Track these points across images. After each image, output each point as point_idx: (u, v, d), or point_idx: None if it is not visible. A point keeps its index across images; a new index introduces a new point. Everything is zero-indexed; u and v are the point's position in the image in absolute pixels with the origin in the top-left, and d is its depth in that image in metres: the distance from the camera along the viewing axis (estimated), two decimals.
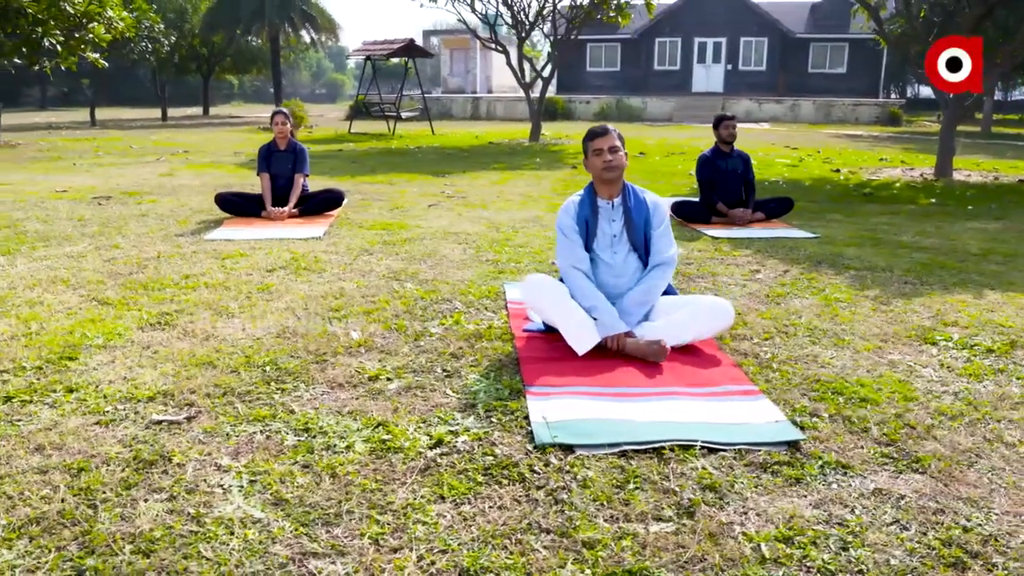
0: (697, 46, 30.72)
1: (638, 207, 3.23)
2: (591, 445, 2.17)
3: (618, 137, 3.15)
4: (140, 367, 2.79)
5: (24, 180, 8.69)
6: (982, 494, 1.98)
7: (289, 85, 73.32)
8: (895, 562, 1.67)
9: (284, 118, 6.37)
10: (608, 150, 3.11)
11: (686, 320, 2.99)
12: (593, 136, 3.16)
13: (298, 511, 1.85)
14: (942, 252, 5.05)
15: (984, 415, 2.47)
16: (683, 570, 1.64)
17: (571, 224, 3.17)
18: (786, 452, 2.18)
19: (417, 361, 2.88)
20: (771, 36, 29.47)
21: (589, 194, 3.22)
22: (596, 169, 3.15)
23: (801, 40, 29.31)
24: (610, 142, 3.12)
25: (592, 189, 3.23)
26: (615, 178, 3.17)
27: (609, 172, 3.13)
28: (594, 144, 3.13)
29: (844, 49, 29.20)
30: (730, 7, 29.47)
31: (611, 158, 3.12)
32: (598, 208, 3.20)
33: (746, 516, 1.85)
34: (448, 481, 1.99)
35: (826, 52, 29.58)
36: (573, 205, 3.22)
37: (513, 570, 1.63)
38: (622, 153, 3.15)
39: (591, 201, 3.20)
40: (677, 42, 30.95)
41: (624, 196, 3.23)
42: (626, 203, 3.22)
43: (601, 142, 3.13)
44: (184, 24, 27.42)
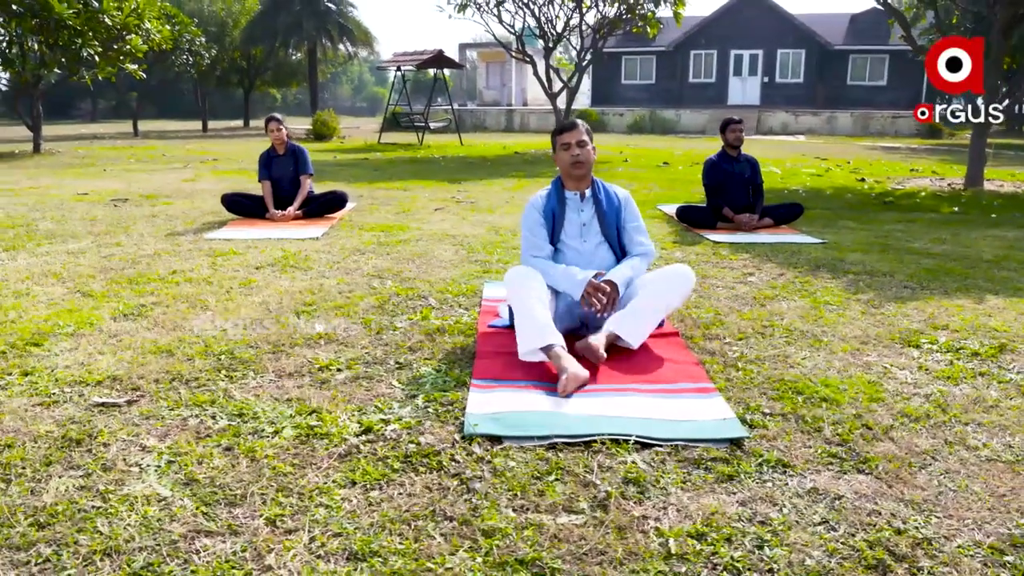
0: (733, 58, 30.41)
1: (608, 199, 3.20)
2: (519, 437, 2.10)
3: (586, 132, 3.12)
4: (100, 354, 2.81)
5: (52, 184, 8.96)
6: (927, 496, 1.86)
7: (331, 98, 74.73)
8: (811, 562, 1.57)
9: (277, 124, 6.41)
10: (576, 144, 3.07)
11: (650, 300, 2.88)
12: (561, 131, 3.14)
13: (205, 491, 1.83)
14: (952, 258, 4.85)
15: (952, 418, 2.33)
16: (579, 562, 1.56)
17: (536, 218, 3.12)
18: (726, 449, 2.08)
19: (373, 353, 2.85)
20: (809, 48, 29.03)
21: (556, 187, 3.18)
22: (564, 164, 3.10)
23: (840, 52, 28.80)
24: (577, 136, 3.08)
25: (560, 183, 3.18)
26: (583, 173, 3.13)
27: (577, 168, 3.09)
28: (562, 139, 3.11)
29: (884, 61, 28.60)
30: (767, 19, 29.14)
31: (579, 152, 3.08)
32: (565, 199, 3.15)
33: (664, 511, 1.76)
34: (364, 467, 1.95)
35: (866, 64, 28.99)
36: (540, 199, 3.18)
37: (402, 555, 1.57)
38: (590, 148, 3.11)
39: (558, 193, 3.16)
40: (713, 54, 30.69)
41: (594, 189, 3.19)
42: (596, 195, 3.18)
43: (569, 136, 3.09)
44: (225, 37, 28.12)
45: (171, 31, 17.73)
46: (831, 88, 28.82)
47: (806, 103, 28.18)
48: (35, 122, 14.25)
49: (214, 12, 28.35)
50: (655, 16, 15.70)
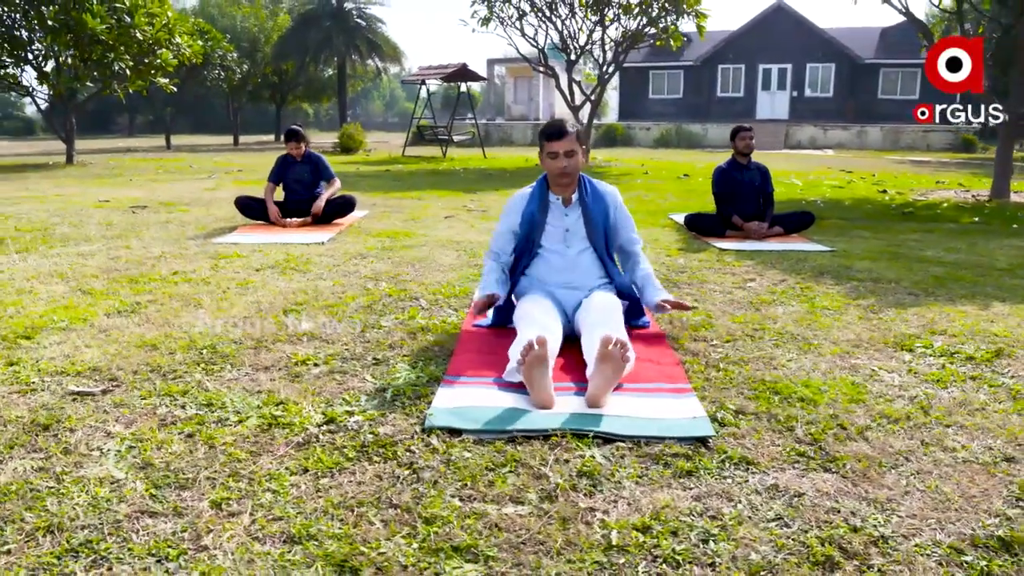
0: (761, 72, 30.20)
1: (597, 203, 3.12)
2: (479, 430, 2.08)
3: (575, 138, 2.96)
4: (87, 347, 2.86)
5: (77, 192, 9.19)
6: (892, 496, 1.80)
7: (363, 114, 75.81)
8: (755, 557, 1.53)
9: (296, 144, 6.45)
10: (564, 154, 2.95)
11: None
12: (549, 136, 2.98)
13: (158, 475, 1.84)
14: (963, 267, 4.73)
15: (933, 419, 2.26)
16: (516, 550, 1.54)
17: (512, 220, 3.10)
18: (691, 447, 2.04)
19: (352, 350, 2.85)
20: (839, 62, 28.73)
21: (540, 188, 3.13)
22: (551, 171, 3.04)
23: (870, 66, 28.44)
24: (567, 146, 2.94)
25: (545, 183, 3.14)
26: (569, 182, 3.07)
27: (563, 177, 3.02)
28: (550, 146, 2.97)
29: (916, 75, 28.12)
30: (796, 33, 28.93)
31: (566, 164, 2.96)
32: (548, 203, 3.11)
33: (614, 504, 1.73)
34: (319, 455, 1.94)
35: (898, 78, 28.57)
36: (521, 199, 3.15)
37: (338, 539, 1.56)
38: (579, 156, 2.99)
39: (541, 196, 3.11)
40: (741, 69, 30.53)
41: (581, 192, 3.12)
42: (583, 199, 3.11)
43: (556, 145, 2.95)
44: (257, 53, 28.72)
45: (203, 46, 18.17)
46: (861, 102, 28.45)
47: (836, 117, 27.85)
48: (68, 134, 14.67)
49: (247, 28, 28.99)
50: (678, 29, 15.67)
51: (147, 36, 13.51)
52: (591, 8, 15.53)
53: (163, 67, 14.30)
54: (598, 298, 2.88)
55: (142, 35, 13.35)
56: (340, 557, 1.50)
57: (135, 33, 13.17)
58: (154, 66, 14.21)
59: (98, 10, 12.34)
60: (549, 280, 3.08)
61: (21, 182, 10.75)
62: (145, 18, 13.29)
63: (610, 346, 2.21)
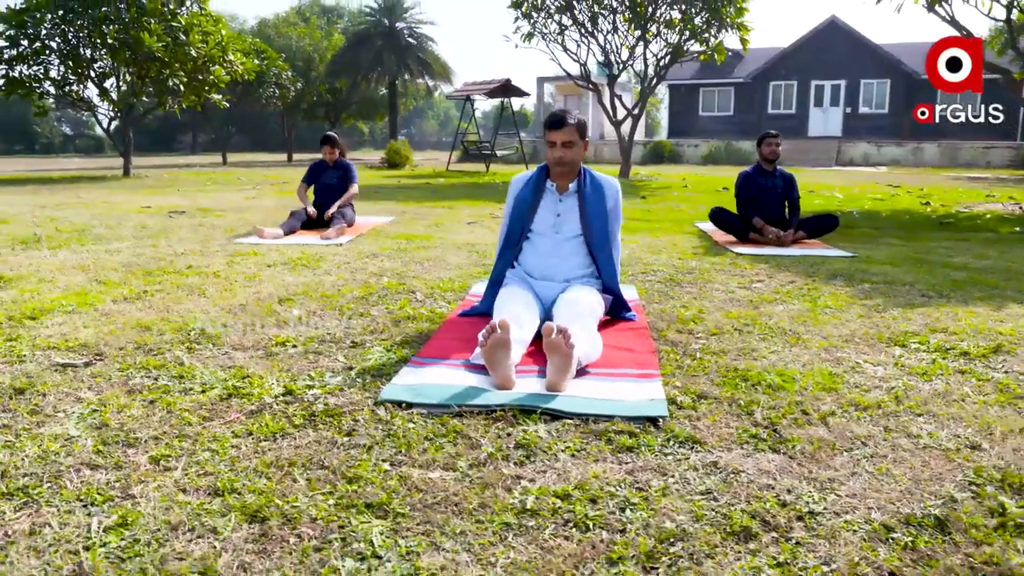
0: (814, 89, 29.64)
1: (596, 193, 3.10)
2: (427, 404, 2.09)
3: (576, 129, 2.98)
4: (84, 327, 2.98)
5: (124, 200, 9.60)
6: (836, 476, 1.74)
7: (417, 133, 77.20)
8: (669, 525, 1.50)
9: (330, 148, 6.73)
10: (561, 144, 2.98)
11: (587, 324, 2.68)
12: (549, 125, 3.01)
13: (110, 434, 1.91)
14: (988, 272, 4.54)
15: (905, 408, 2.17)
16: (428, 509, 1.54)
17: (509, 200, 3.13)
18: (640, 426, 2.01)
19: (334, 334, 2.90)
20: (893, 78, 27.98)
21: (539, 174, 3.15)
22: (549, 159, 3.06)
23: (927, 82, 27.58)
24: (566, 136, 2.97)
25: (545, 170, 3.15)
26: (565, 171, 3.08)
27: (559, 166, 3.05)
28: (549, 135, 3.01)
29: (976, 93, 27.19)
30: (849, 49, 28.33)
31: (562, 154, 2.99)
32: (543, 190, 3.12)
33: (543, 474, 1.72)
34: (267, 421, 1.99)
35: (955, 94, 27.64)
36: (519, 181, 3.17)
37: (259, 493, 1.59)
38: (578, 147, 3.00)
39: (537, 181, 3.13)
40: (793, 85, 30.02)
41: (580, 183, 3.12)
42: (581, 191, 3.11)
43: (555, 135, 2.98)
44: (311, 72, 29.58)
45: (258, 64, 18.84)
46: None
47: (891, 134, 27.10)
48: (126, 148, 15.35)
49: (302, 47, 29.92)
50: (722, 43, 15.54)
51: (201, 54, 14.09)
52: (633, 23, 15.55)
53: (216, 83, 14.86)
54: (572, 294, 2.85)
55: (196, 53, 13.93)
56: (254, 508, 1.53)
57: (189, 51, 13.74)
58: (207, 82, 14.79)
59: (155, 28, 12.94)
60: (533, 265, 3.09)
61: (74, 192, 11.29)
62: (199, 36, 13.86)
63: (552, 335, 2.19)
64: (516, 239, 3.14)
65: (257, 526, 1.47)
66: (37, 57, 13.66)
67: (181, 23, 13.61)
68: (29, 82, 13.82)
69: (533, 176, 3.17)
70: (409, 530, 1.46)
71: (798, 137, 28.31)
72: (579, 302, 2.78)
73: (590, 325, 2.65)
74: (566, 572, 1.33)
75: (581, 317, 2.67)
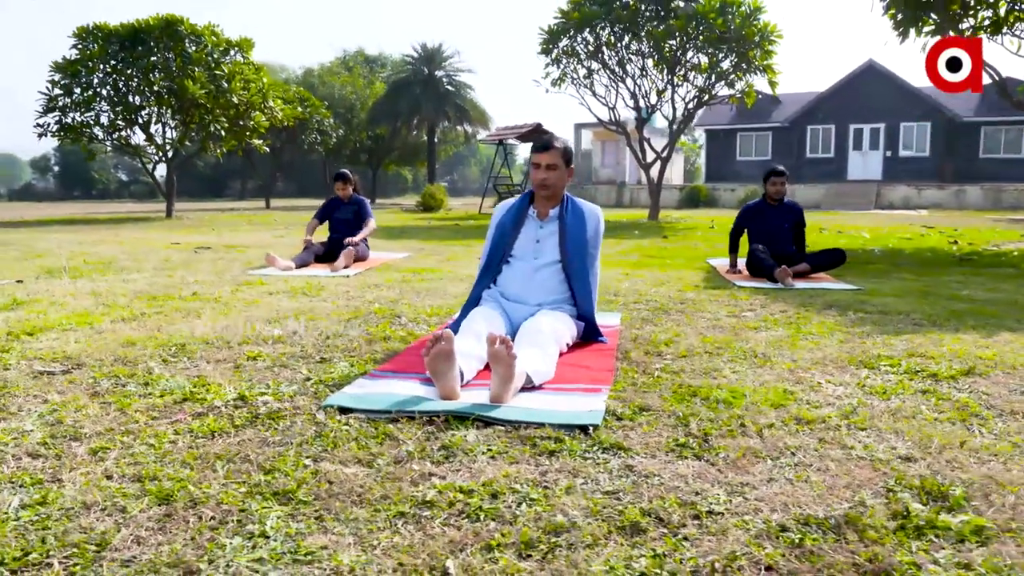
0: (852, 132, 29.42)
1: (576, 219, 3.16)
2: (366, 410, 2.15)
3: (562, 155, 3.08)
4: (76, 343, 3.13)
5: (158, 237, 10.00)
6: (750, 481, 1.73)
7: (460, 179, 78.47)
8: (560, 519, 1.51)
9: (343, 184, 6.96)
10: (545, 167, 3.08)
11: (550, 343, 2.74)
12: (535, 148, 3.12)
13: (61, 429, 2.01)
14: (992, 303, 4.43)
15: (849, 423, 2.15)
16: (330, 497, 1.59)
17: (492, 224, 3.22)
18: (570, 434, 2.03)
19: (306, 350, 2.99)
20: (934, 121, 27.61)
21: (522, 200, 3.23)
22: (533, 181, 3.15)
23: (970, 124, 27.17)
24: (550, 159, 3.07)
25: (529, 198, 3.23)
26: (548, 195, 3.15)
27: (543, 189, 3.13)
28: (535, 157, 3.11)
29: (1022, 132, 26.66)
30: (888, 92, 28.11)
31: (546, 176, 3.08)
32: (525, 216, 3.20)
33: (457, 473, 1.75)
34: (210, 422, 2.07)
35: (1000, 136, 27.14)
36: (503, 208, 3.26)
37: (176, 480, 1.67)
38: (561, 171, 3.10)
39: (520, 207, 3.21)
40: (831, 129, 29.86)
41: (562, 209, 3.19)
42: (563, 218, 3.17)
43: (541, 157, 3.08)
44: (353, 119, 30.55)
45: (302, 111, 19.57)
46: (961, 162, 27.11)
47: (933, 177, 26.64)
48: (168, 190, 16.02)
49: (344, 95, 30.97)
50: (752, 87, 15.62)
51: (242, 100, 14.73)
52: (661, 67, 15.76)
53: (256, 129, 15.48)
54: (537, 319, 2.87)
55: (238, 99, 14.56)
56: (166, 493, 1.60)
57: (231, 97, 14.38)
58: (248, 128, 15.41)
59: (199, 76, 13.62)
60: (509, 288, 3.15)
61: (114, 231, 11.80)
62: (241, 84, 14.52)
63: (496, 344, 2.23)
64: (496, 263, 3.21)
65: (164, 507, 1.54)
66: (89, 105, 14.48)
67: (224, 71, 14.29)
68: (80, 128, 14.62)
69: (516, 203, 3.26)
70: (305, 515, 1.51)
71: (837, 181, 28.02)
72: (542, 327, 2.81)
73: (549, 348, 2.68)
74: (440, 555, 1.36)
75: (541, 337, 2.71)
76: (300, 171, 43.05)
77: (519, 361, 2.41)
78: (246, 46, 14.80)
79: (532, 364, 2.44)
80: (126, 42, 14.24)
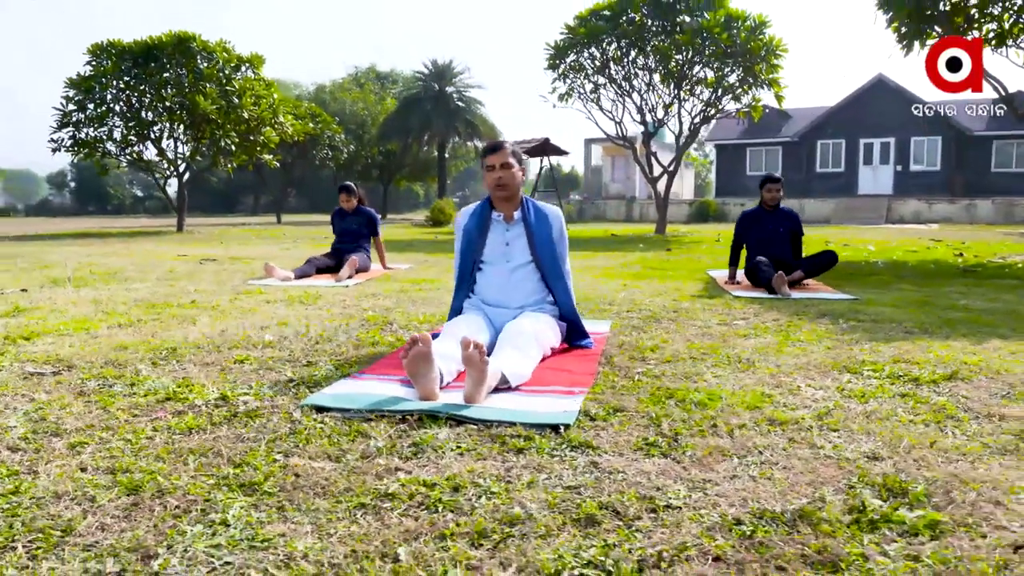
0: (863, 147, 29.36)
1: (540, 222, 3.19)
2: (342, 409, 2.18)
3: (512, 155, 3.13)
4: (70, 347, 3.19)
5: (167, 250, 10.12)
6: (713, 478, 1.75)
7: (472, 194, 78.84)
8: (517, 511, 1.53)
9: (347, 195, 7.08)
10: (500, 166, 3.11)
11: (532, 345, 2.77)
12: (487, 151, 3.16)
13: (44, 426, 2.05)
14: (989, 313, 4.41)
15: (821, 424, 2.16)
16: (294, 489, 1.62)
17: (458, 233, 3.24)
18: (540, 433, 2.05)
19: (293, 354, 3.04)
20: (944, 135, 27.50)
21: (483, 206, 3.26)
22: (489, 185, 3.19)
23: (981, 138, 27.05)
24: (502, 159, 3.11)
25: (489, 202, 3.27)
26: (507, 196, 3.17)
27: (500, 190, 3.15)
28: (487, 159, 3.14)
29: None
30: (898, 106, 28.00)
31: (501, 175, 3.11)
32: (490, 220, 3.22)
33: (423, 468, 1.78)
34: (189, 419, 2.10)
35: (1012, 150, 26.99)
36: (465, 215, 3.28)
37: (147, 473, 1.70)
38: (516, 170, 3.13)
39: (483, 212, 3.24)
40: (841, 144, 29.81)
41: (524, 211, 3.22)
42: (526, 218, 3.21)
43: (494, 158, 3.12)
44: (364, 135, 30.82)
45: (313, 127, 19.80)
46: (972, 175, 26.98)
47: (944, 191, 26.51)
48: (180, 205, 16.22)
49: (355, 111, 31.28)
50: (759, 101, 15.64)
51: (253, 116, 14.92)
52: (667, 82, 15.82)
53: (267, 144, 15.66)
54: (519, 321, 2.90)
55: (248, 115, 14.75)
56: (136, 484, 1.64)
57: (242, 113, 14.57)
58: (258, 143, 15.59)
59: (210, 92, 13.83)
60: (487, 294, 3.18)
61: (124, 244, 11.96)
62: (251, 99, 14.72)
63: (469, 348, 2.26)
64: (469, 270, 3.24)
65: (132, 497, 1.58)
66: (102, 120, 14.73)
67: (235, 87, 14.51)
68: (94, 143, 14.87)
69: (477, 208, 3.28)
70: (268, 506, 1.55)
71: (847, 195, 27.94)
72: (524, 329, 2.84)
73: (529, 350, 2.71)
74: (393, 542, 1.39)
75: (522, 339, 2.73)
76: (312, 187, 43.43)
77: (496, 361, 2.44)
78: (257, 62, 15.05)
79: (509, 365, 2.47)
80: (139, 58, 14.51)
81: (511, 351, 2.60)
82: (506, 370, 2.44)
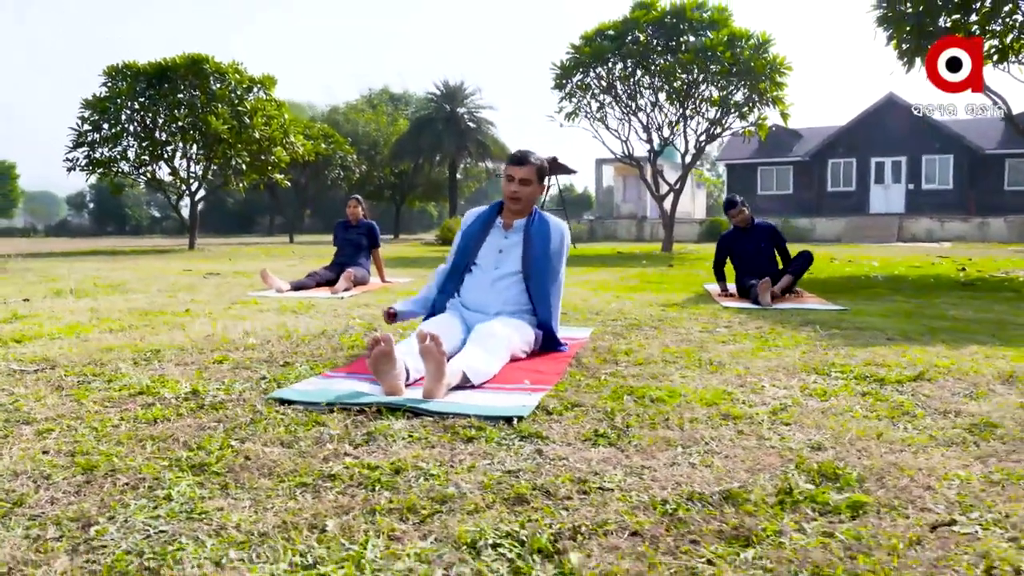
0: (874, 166, 29.30)
1: (541, 232, 3.23)
2: (305, 402, 2.25)
3: (536, 171, 3.18)
4: (59, 349, 3.28)
5: (175, 266, 10.29)
6: (652, 465, 1.79)
7: None
8: (450, 490, 1.58)
9: (355, 203, 7.26)
10: (519, 181, 3.17)
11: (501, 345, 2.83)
12: (512, 161, 3.21)
13: (16, 416, 2.13)
14: (975, 322, 4.41)
15: (774, 419, 2.19)
16: (242, 471, 1.68)
17: (459, 232, 3.31)
18: (493, 424, 2.10)
19: (272, 355, 3.11)
20: (957, 153, 27.41)
21: (491, 210, 3.33)
22: (504, 193, 3.24)
23: (994, 156, 26.93)
24: (523, 174, 3.16)
25: (499, 207, 3.33)
26: (518, 208, 3.24)
27: (513, 203, 3.22)
28: (508, 169, 3.21)
29: None
30: (909, 125, 27.97)
31: (516, 189, 3.17)
32: (493, 223, 3.29)
33: (370, 454, 1.83)
34: (154, 411, 2.17)
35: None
36: (471, 216, 3.35)
37: (106, 456, 1.77)
38: (533, 187, 3.20)
39: (488, 217, 3.30)
40: (852, 163, 29.78)
41: (528, 222, 3.27)
42: (528, 230, 3.25)
43: (514, 170, 3.17)
44: (376, 156, 31.17)
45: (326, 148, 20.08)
46: (985, 194, 26.82)
47: (956, 210, 26.35)
48: (192, 223, 16.48)
49: (368, 132, 31.67)
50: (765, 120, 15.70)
51: (264, 136, 15.18)
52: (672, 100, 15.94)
53: (277, 164, 15.91)
54: (488, 325, 2.94)
55: (259, 135, 15.01)
56: (92, 464, 1.70)
57: (253, 133, 14.84)
58: (269, 163, 15.84)
59: (222, 112, 14.10)
60: (469, 297, 3.23)
61: (135, 260, 12.16)
62: (262, 119, 14.99)
63: (426, 341, 2.32)
64: (460, 270, 3.30)
65: (86, 475, 1.64)
66: (116, 140, 15.06)
67: (247, 107, 14.79)
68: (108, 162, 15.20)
69: (485, 212, 3.35)
70: (213, 484, 1.61)
71: (859, 214, 27.85)
72: (495, 331, 2.89)
73: (495, 351, 2.75)
74: (324, 515, 1.44)
75: (491, 340, 2.79)
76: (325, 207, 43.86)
77: (459, 360, 2.50)
78: (268, 83, 15.36)
79: (471, 363, 2.52)
80: (154, 80, 14.87)
81: (476, 350, 2.66)
82: (468, 368, 2.50)
